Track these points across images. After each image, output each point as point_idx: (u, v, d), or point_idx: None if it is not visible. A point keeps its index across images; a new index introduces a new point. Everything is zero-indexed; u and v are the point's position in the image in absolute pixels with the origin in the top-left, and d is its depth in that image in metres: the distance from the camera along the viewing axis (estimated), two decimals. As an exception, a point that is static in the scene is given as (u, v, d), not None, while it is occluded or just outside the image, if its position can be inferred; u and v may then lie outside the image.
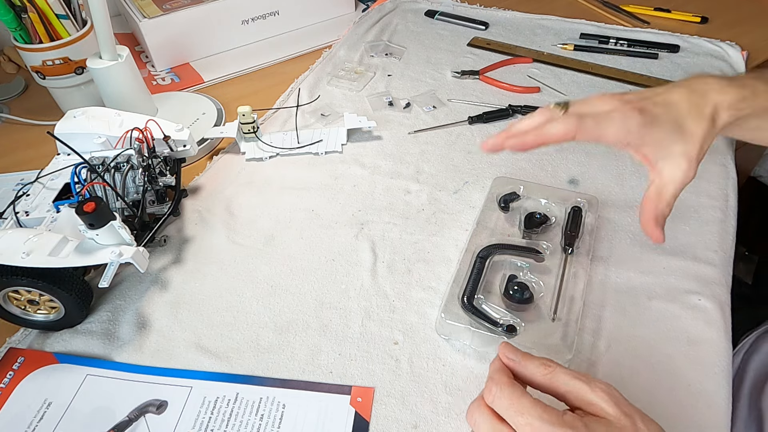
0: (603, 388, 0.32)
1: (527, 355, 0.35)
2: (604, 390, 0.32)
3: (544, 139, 0.40)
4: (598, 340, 0.45)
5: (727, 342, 0.45)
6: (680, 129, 0.40)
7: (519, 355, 0.35)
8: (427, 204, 0.58)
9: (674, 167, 0.40)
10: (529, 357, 0.35)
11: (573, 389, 0.33)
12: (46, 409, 0.42)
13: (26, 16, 0.62)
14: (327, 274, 0.51)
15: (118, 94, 0.63)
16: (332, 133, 0.66)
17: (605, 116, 0.40)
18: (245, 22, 0.82)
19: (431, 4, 0.92)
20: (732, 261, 0.51)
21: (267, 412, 0.42)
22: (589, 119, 0.40)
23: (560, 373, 0.34)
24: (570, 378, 0.33)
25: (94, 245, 0.44)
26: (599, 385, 0.33)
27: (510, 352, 0.36)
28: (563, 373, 0.33)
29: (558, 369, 0.34)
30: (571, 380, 0.33)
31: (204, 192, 0.61)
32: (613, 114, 0.40)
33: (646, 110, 0.40)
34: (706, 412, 0.41)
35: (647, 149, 0.40)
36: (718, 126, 0.41)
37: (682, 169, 0.40)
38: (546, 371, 0.34)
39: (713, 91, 0.41)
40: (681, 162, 0.40)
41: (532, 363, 0.35)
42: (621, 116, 0.40)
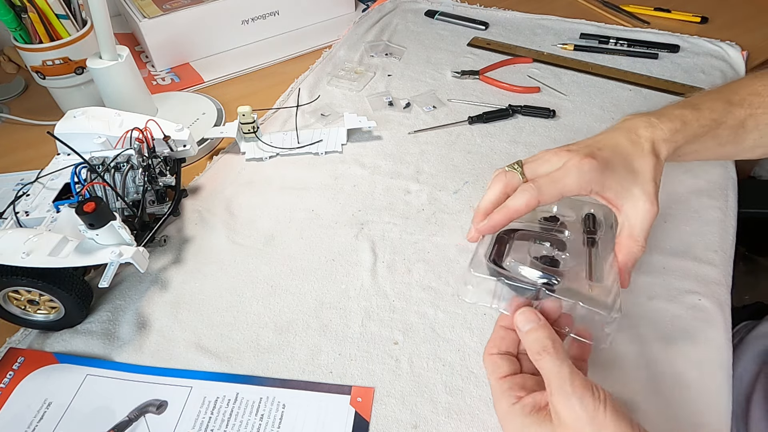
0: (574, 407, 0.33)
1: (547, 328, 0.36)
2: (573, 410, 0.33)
3: (512, 215, 0.40)
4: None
5: (727, 342, 0.45)
6: (631, 169, 0.41)
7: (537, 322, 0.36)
8: (427, 204, 0.58)
9: (638, 208, 0.41)
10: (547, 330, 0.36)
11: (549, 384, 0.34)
12: (46, 409, 0.42)
13: (26, 16, 0.62)
14: (327, 274, 0.51)
15: (118, 94, 0.63)
16: (332, 133, 0.66)
17: (561, 171, 0.40)
18: (245, 22, 0.82)
19: (431, 4, 0.92)
20: (732, 261, 0.51)
21: (267, 412, 0.42)
22: (545, 181, 0.40)
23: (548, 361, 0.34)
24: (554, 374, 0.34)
25: (94, 245, 0.44)
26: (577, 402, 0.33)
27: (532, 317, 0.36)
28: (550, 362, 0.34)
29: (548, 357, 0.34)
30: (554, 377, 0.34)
31: (204, 192, 0.61)
32: (567, 166, 0.40)
33: (596, 156, 0.41)
34: (706, 412, 0.41)
35: (609, 193, 0.41)
36: (662, 159, 0.42)
37: (645, 208, 0.41)
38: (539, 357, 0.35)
39: (643, 128, 0.43)
40: (643, 201, 0.41)
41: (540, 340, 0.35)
42: (576, 166, 0.40)
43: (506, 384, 0.37)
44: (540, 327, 0.36)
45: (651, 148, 0.42)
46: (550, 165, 0.41)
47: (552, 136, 0.65)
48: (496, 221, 0.41)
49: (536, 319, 0.37)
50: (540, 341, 0.35)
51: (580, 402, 0.32)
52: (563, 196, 0.40)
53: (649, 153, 0.42)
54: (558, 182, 0.40)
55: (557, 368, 0.34)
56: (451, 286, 0.50)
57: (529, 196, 0.40)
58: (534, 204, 0.40)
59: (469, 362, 0.44)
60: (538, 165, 0.42)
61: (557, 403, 0.33)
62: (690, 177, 0.58)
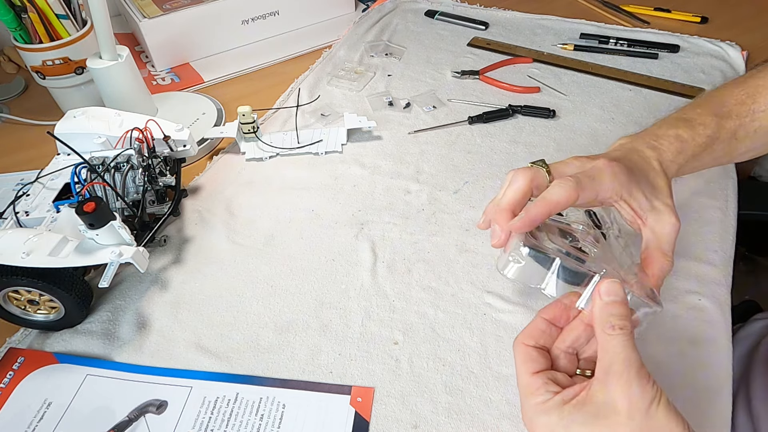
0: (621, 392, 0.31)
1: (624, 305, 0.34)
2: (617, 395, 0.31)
3: (551, 208, 0.37)
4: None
5: (727, 342, 0.45)
6: (651, 183, 0.42)
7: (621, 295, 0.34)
8: (427, 204, 0.58)
9: (664, 221, 0.41)
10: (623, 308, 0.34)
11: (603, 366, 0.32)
12: (46, 409, 0.42)
13: (26, 16, 0.62)
14: (327, 274, 0.51)
15: (118, 94, 0.63)
16: (332, 133, 0.66)
17: (595, 170, 0.39)
18: (245, 22, 0.82)
19: (431, 4, 0.92)
20: (732, 261, 0.51)
21: (267, 412, 0.42)
22: (583, 176, 0.38)
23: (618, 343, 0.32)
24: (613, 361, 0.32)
25: (94, 245, 0.44)
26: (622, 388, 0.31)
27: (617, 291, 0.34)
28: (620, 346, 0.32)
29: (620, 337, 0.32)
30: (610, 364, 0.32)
31: (204, 192, 0.61)
32: (598, 166, 0.39)
33: (621, 161, 0.40)
34: (706, 412, 0.41)
35: (635, 203, 0.40)
36: (670, 178, 0.43)
37: (671, 222, 0.41)
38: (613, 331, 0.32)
39: (648, 150, 0.44)
40: (668, 215, 0.41)
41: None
42: (608, 166, 0.39)
43: (541, 379, 0.34)
44: (623, 303, 0.34)
45: (660, 167, 0.43)
46: (575, 167, 0.41)
47: (552, 136, 0.65)
48: (534, 215, 0.37)
49: (622, 294, 0.34)
50: (619, 317, 0.33)
51: (641, 391, 0.30)
52: (598, 197, 0.39)
53: (660, 171, 0.42)
54: (595, 180, 0.39)
55: (627, 351, 0.31)
56: (451, 286, 0.50)
57: (569, 188, 0.37)
58: (574, 199, 0.37)
59: (469, 362, 0.44)
60: (563, 166, 0.41)
61: (614, 388, 0.31)
62: (690, 177, 0.58)
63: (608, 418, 0.31)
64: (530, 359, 0.35)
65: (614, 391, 0.31)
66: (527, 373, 0.35)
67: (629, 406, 0.30)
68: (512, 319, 0.47)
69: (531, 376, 0.35)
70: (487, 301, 0.48)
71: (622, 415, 0.30)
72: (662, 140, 0.44)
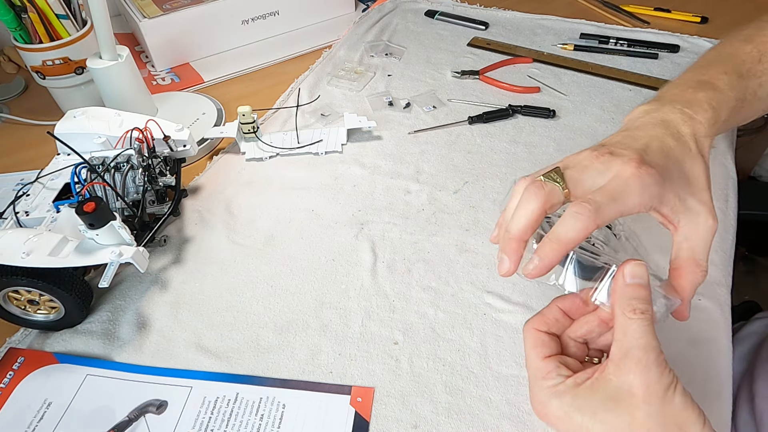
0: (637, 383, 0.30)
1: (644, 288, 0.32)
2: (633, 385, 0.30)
3: (567, 248, 0.33)
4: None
5: (727, 342, 0.45)
6: (685, 176, 0.36)
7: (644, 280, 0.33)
8: (427, 204, 0.58)
9: (698, 225, 0.35)
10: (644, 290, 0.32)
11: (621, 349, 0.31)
12: (46, 409, 0.42)
13: (26, 16, 0.62)
14: (327, 274, 0.51)
15: (118, 94, 0.63)
16: (332, 133, 0.66)
17: (619, 184, 0.33)
18: (245, 22, 0.82)
19: (431, 4, 0.92)
20: (732, 261, 0.51)
21: (267, 412, 0.42)
22: (603, 198, 0.32)
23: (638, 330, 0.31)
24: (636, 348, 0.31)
25: (94, 245, 0.44)
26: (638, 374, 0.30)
27: (641, 273, 0.32)
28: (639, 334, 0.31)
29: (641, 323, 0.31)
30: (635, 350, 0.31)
31: (204, 192, 0.61)
32: (624, 177, 0.33)
33: (652, 163, 0.34)
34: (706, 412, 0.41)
35: (666, 209, 0.35)
36: (707, 157, 0.37)
37: (708, 224, 0.35)
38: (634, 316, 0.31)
39: (683, 123, 0.37)
40: (704, 216, 0.35)
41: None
42: (637, 178, 0.33)
43: (553, 363, 0.34)
44: (646, 287, 0.32)
45: (697, 147, 0.37)
46: (596, 173, 0.34)
47: (552, 136, 0.65)
48: (550, 260, 0.33)
49: (647, 277, 0.33)
50: (642, 300, 0.32)
51: (659, 376, 0.30)
52: (622, 216, 0.33)
53: (697, 154, 0.36)
54: (618, 200, 0.32)
55: (647, 336, 0.31)
56: (451, 286, 0.50)
57: (585, 221, 0.32)
58: (593, 229, 0.32)
59: (469, 362, 0.44)
60: (581, 173, 0.34)
61: (631, 372, 0.30)
62: (690, 177, 0.58)
63: (624, 401, 0.30)
64: (541, 344, 0.35)
65: (631, 375, 0.30)
66: (538, 357, 0.34)
67: (646, 390, 0.30)
68: (512, 319, 0.47)
69: (542, 360, 0.34)
70: (487, 301, 0.48)
71: (639, 399, 0.30)
72: (696, 108, 0.38)
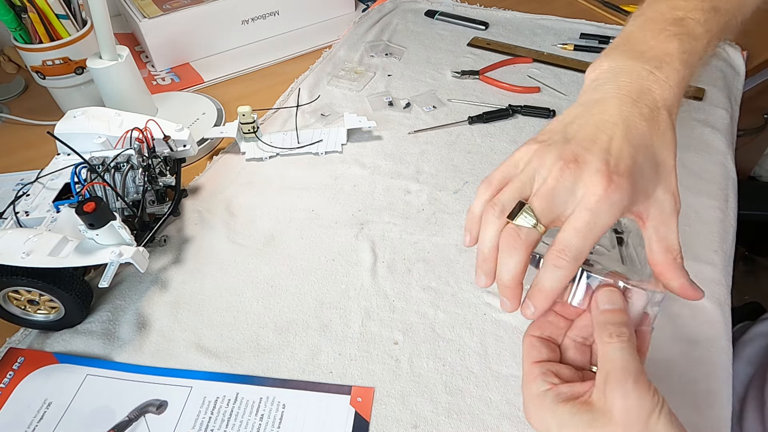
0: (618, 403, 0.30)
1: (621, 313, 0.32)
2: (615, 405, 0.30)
3: (555, 296, 0.33)
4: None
5: (727, 342, 0.45)
6: (654, 163, 0.33)
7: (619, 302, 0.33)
8: (427, 204, 0.58)
9: (665, 212, 0.34)
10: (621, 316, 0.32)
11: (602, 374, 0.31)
12: (46, 409, 0.42)
13: (26, 16, 0.62)
14: (327, 274, 0.51)
15: (118, 94, 0.63)
16: (332, 133, 0.66)
17: (588, 215, 0.31)
18: (245, 22, 0.82)
19: (431, 4, 0.92)
20: (732, 261, 0.51)
21: (267, 412, 0.42)
22: (576, 240, 0.31)
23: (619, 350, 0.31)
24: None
25: (94, 245, 0.44)
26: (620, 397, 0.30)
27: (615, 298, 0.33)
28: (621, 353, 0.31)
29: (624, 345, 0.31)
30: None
31: (204, 192, 0.61)
32: (591, 204, 0.31)
33: (620, 172, 0.31)
34: (706, 412, 0.41)
35: (634, 208, 0.34)
36: (675, 126, 0.35)
37: (671, 207, 0.34)
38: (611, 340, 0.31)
39: (657, 90, 0.34)
40: (668, 202, 0.34)
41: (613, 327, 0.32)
42: (604, 202, 0.31)
43: (540, 369, 0.34)
44: (622, 311, 0.32)
45: (668, 119, 0.34)
46: (565, 193, 0.32)
47: (552, 136, 0.65)
48: (544, 306, 0.34)
49: (621, 301, 0.33)
50: (616, 325, 0.32)
51: (640, 401, 0.29)
52: (597, 241, 0.33)
53: (667, 128, 0.34)
54: (591, 233, 0.31)
55: (626, 359, 0.30)
56: (451, 286, 0.50)
57: (567, 272, 0.32)
58: (574, 272, 0.33)
59: (469, 362, 0.44)
60: (550, 202, 0.32)
61: (612, 396, 0.30)
62: (690, 177, 0.58)
63: (604, 428, 0.30)
64: (533, 348, 0.35)
65: (611, 401, 0.30)
66: (528, 362, 0.35)
67: (626, 417, 0.29)
68: (512, 319, 0.47)
69: (531, 365, 0.34)
70: (487, 301, 0.48)
71: (618, 425, 0.29)
72: (668, 70, 0.34)
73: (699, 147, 0.62)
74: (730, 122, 0.65)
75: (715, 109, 0.67)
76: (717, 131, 0.63)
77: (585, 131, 0.33)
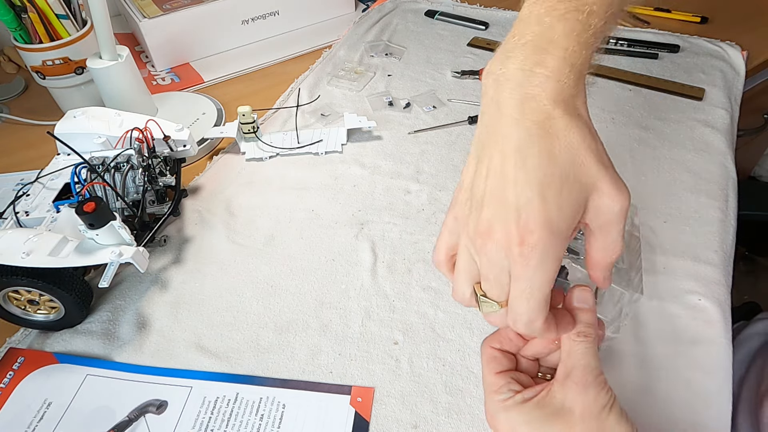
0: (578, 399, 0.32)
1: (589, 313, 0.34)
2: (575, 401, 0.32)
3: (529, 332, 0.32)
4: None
5: (727, 342, 0.45)
6: (572, 179, 0.29)
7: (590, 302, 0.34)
8: (427, 204, 0.58)
9: (605, 211, 0.30)
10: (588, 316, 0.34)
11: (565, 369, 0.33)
12: (46, 409, 0.42)
13: (26, 16, 0.62)
14: (327, 274, 0.51)
15: (118, 94, 0.63)
16: (332, 133, 0.66)
17: (525, 284, 0.29)
18: (245, 22, 0.82)
19: (431, 4, 0.92)
20: (732, 261, 0.51)
21: (267, 412, 0.42)
22: (523, 309, 0.30)
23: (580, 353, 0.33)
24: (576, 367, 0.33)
25: (94, 245, 0.44)
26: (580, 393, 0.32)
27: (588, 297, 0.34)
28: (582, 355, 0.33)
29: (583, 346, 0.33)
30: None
31: (204, 192, 0.61)
32: (524, 272, 0.29)
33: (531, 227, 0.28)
34: (706, 412, 0.41)
35: (576, 226, 0.30)
36: (586, 117, 0.30)
37: (611, 203, 0.29)
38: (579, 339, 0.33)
39: (540, 93, 0.29)
40: (607, 198, 0.29)
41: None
42: (533, 266, 0.28)
43: (504, 379, 0.36)
44: (592, 310, 0.34)
45: (565, 121, 0.29)
46: (499, 269, 0.30)
47: (552, 136, 0.65)
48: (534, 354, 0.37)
49: (592, 301, 0.35)
50: (586, 324, 0.34)
51: (596, 396, 0.32)
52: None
53: (568, 131, 0.29)
54: (536, 293, 0.30)
55: (587, 358, 0.33)
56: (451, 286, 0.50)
57: (536, 323, 0.31)
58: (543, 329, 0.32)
59: (469, 362, 0.44)
60: (495, 281, 0.31)
61: (572, 391, 0.33)
62: (690, 177, 0.58)
63: (564, 417, 0.32)
64: (494, 359, 0.37)
65: (571, 394, 0.32)
66: (491, 372, 0.36)
67: (583, 409, 0.32)
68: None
69: (494, 376, 0.36)
70: (487, 301, 0.48)
71: (576, 417, 0.32)
72: (551, 60, 0.29)
73: (699, 147, 0.62)
74: (730, 122, 0.65)
75: (715, 109, 0.67)
76: (717, 131, 0.63)
77: (489, 188, 0.30)
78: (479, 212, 0.30)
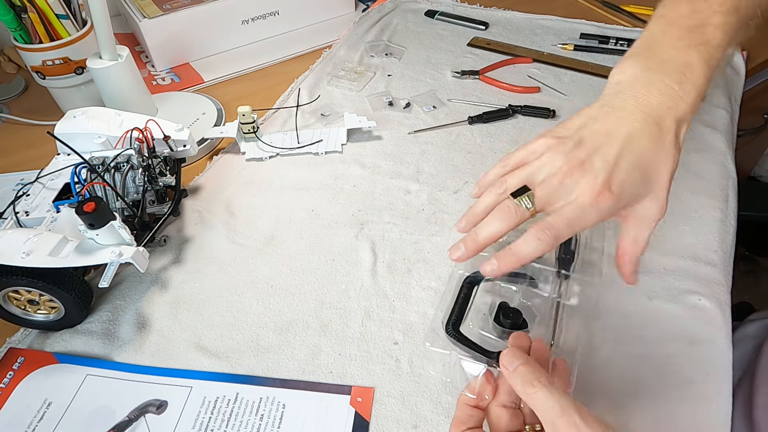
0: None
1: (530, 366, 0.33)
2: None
3: (523, 263, 0.36)
4: (598, 340, 0.45)
5: (727, 342, 0.45)
6: (648, 178, 0.36)
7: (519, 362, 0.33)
8: (427, 204, 0.58)
9: (645, 218, 0.37)
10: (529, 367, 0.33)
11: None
12: (46, 409, 0.42)
13: (26, 16, 0.62)
14: (327, 274, 0.51)
15: (118, 94, 0.63)
16: (332, 133, 0.66)
17: (576, 211, 0.35)
18: (245, 22, 0.82)
19: (431, 4, 0.92)
20: (732, 261, 0.51)
21: (267, 412, 0.42)
22: (561, 224, 0.35)
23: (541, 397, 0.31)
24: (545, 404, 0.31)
25: (94, 245, 0.44)
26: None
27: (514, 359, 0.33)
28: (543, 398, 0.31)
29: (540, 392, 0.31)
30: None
31: (204, 192, 0.61)
32: (583, 204, 0.35)
33: (614, 182, 0.35)
34: (706, 412, 0.41)
35: (622, 211, 0.37)
36: (682, 143, 0.37)
37: (652, 215, 0.37)
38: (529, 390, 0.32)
39: (667, 111, 0.36)
40: (653, 211, 0.37)
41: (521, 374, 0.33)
42: (593, 206, 0.35)
43: None
44: (528, 362, 0.33)
45: (674, 139, 0.36)
46: (564, 192, 0.36)
47: (552, 136, 0.65)
48: (507, 269, 0.36)
49: (522, 355, 0.34)
50: (530, 374, 0.32)
51: (591, 430, 0.30)
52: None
53: (671, 148, 0.36)
54: (575, 226, 0.35)
55: (555, 399, 0.31)
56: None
57: (545, 246, 0.35)
58: (547, 251, 0.35)
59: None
60: (551, 194, 0.36)
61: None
62: (690, 177, 0.58)
63: None
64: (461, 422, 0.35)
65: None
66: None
67: None
68: (512, 319, 0.47)
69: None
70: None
71: None
72: (688, 84, 0.36)
73: (699, 147, 0.62)
74: (730, 122, 0.66)
75: (715, 109, 0.67)
76: (717, 131, 0.64)
77: (595, 139, 0.36)
78: (576, 149, 0.36)
